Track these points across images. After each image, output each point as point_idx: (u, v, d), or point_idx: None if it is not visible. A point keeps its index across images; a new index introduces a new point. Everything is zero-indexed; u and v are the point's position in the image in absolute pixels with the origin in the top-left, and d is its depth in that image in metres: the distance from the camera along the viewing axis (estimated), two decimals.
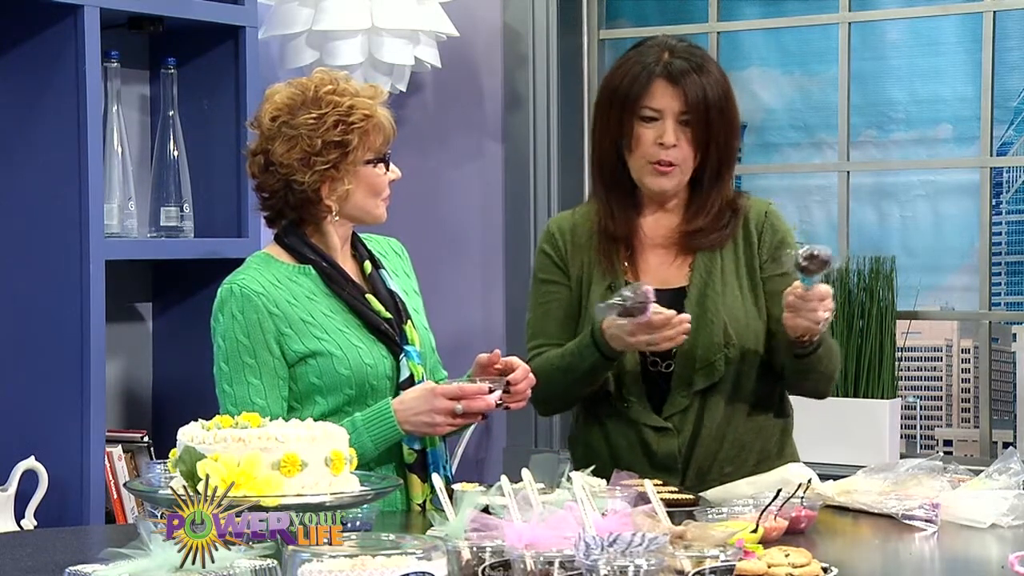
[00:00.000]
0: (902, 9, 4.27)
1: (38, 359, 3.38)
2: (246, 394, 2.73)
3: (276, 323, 2.75)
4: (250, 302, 2.75)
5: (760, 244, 3.05)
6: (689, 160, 3.00)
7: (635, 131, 3.00)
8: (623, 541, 1.90)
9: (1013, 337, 4.14)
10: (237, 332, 2.74)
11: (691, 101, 2.97)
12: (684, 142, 2.98)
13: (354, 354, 2.77)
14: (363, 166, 2.79)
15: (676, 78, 2.98)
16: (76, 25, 3.32)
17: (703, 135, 2.99)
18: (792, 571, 2.13)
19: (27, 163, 3.40)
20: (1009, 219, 4.25)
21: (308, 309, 2.78)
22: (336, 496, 2.12)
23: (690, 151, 2.99)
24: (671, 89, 2.98)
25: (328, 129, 2.74)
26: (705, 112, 2.97)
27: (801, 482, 2.58)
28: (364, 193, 2.81)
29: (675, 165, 2.99)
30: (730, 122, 3.03)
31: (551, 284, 3.11)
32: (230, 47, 3.70)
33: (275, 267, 2.82)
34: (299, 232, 2.84)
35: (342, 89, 2.78)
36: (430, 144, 4.55)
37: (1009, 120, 4.18)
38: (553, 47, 4.42)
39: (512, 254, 4.46)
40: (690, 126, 2.98)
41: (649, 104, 2.99)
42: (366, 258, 2.91)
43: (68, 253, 3.34)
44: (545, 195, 4.42)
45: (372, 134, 2.78)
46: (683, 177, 3.02)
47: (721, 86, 3.01)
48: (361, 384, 2.76)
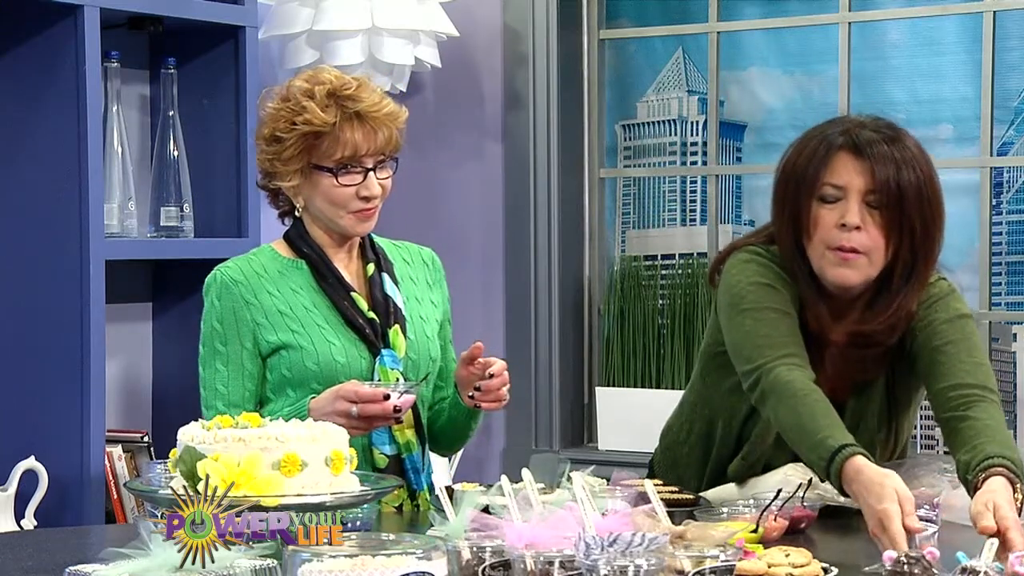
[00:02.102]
0: (902, 9, 4.27)
1: (38, 359, 3.38)
2: (212, 379, 2.80)
3: (252, 313, 2.79)
4: (228, 290, 2.79)
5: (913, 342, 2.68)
6: (880, 252, 2.61)
7: (813, 213, 2.62)
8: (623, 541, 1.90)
9: (1013, 337, 4.14)
10: (213, 318, 2.80)
11: (880, 177, 2.59)
12: (872, 226, 2.59)
13: (325, 349, 2.78)
14: (315, 170, 2.79)
15: (862, 149, 2.61)
16: (76, 25, 3.32)
17: (896, 219, 2.59)
18: (792, 571, 2.13)
19: (27, 163, 3.40)
20: (1009, 219, 4.25)
21: (288, 302, 2.80)
22: (336, 496, 2.12)
23: (881, 239, 2.60)
24: (856, 163, 2.61)
25: (276, 121, 2.79)
26: (897, 190, 2.59)
27: (801, 482, 2.58)
28: (320, 200, 2.81)
29: (861, 253, 2.60)
30: (931, 207, 2.63)
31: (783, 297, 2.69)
32: (230, 47, 3.70)
33: (270, 258, 2.85)
34: (302, 226, 2.85)
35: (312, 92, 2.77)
36: (430, 144, 4.55)
37: (1009, 120, 4.18)
38: (553, 47, 4.42)
39: (512, 254, 4.46)
40: (879, 208, 2.60)
41: (830, 181, 2.61)
42: (372, 260, 2.90)
43: (68, 253, 3.34)
44: (545, 195, 4.42)
45: (322, 142, 2.77)
46: (871, 271, 2.62)
47: (919, 162, 2.64)
48: (330, 380, 2.75)
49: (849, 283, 2.62)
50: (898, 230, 2.60)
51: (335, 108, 2.77)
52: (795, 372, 2.57)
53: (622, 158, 4.62)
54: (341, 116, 2.77)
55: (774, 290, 2.68)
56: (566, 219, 4.46)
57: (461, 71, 4.46)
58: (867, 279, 2.63)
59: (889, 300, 2.64)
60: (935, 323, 2.68)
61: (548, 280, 4.43)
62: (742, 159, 4.48)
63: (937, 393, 2.63)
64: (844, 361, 2.71)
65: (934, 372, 2.64)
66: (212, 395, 2.79)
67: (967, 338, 2.66)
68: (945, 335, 2.66)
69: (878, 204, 2.60)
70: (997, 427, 2.53)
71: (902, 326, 2.68)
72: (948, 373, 2.62)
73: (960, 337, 2.66)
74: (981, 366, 2.63)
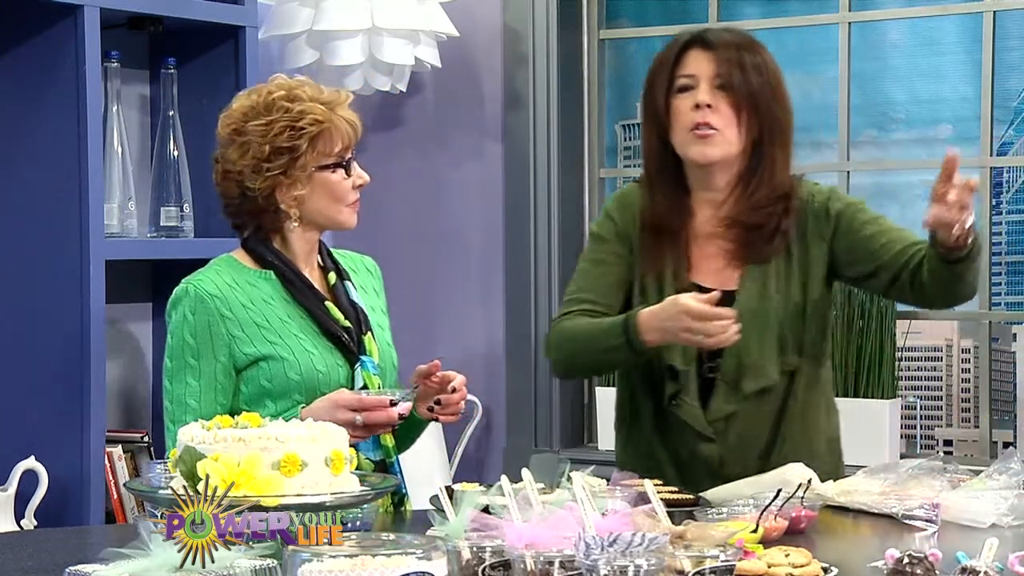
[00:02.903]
0: (902, 9, 4.27)
1: (38, 359, 3.39)
2: (183, 393, 2.75)
3: (228, 326, 2.76)
4: (203, 304, 2.76)
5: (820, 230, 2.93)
6: (732, 128, 2.89)
7: (672, 105, 2.91)
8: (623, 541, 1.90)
9: (1013, 337, 4.14)
10: (186, 332, 2.76)
11: (723, 62, 2.88)
12: (723, 105, 2.88)
13: (306, 359, 2.78)
14: (319, 172, 2.79)
15: (709, 43, 2.91)
16: (76, 25, 3.32)
17: (745, 100, 2.88)
18: (792, 571, 2.13)
19: (27, 163, 3.40)
20: (1009, 219, 4.25)
21: (264, 313, 2.79)
22: (336, 496, 2.12)
23: (731, 117, 2.88)
24: (703, 54, 2.91)
25: (277, 135, 2.75)
26: (742, 74, 2.88)
27: (801, 482, 2.58)
28: (323, 199, 2.81)
29: (716, 130, 2.87)
30: (776, 91, 2.91)
31: (611, 245, 3.00)
32: (230, 47, 3.71)
33: (236, 270, 2.83)
34: (263, 238, 2.84)
35: (295, 95, 2.78)
36: (430, 144, 4.55)
37: (1009, 120, 4.18)
38: (553, 47, 4.42)
39: (512, 254, 4.46)
40: (727, 89, 2.88)
41: (683, 72, 2.91)
42: (332, 269, 2.91)
43: (68, 253, 3.34)
44: (545, 195, 4.42)
45: (325, 139, 2.78)
46: (728, 147, 2.89)
47: (761, 58, 2.92)
48: (312, 390, 2.76)
49: (710, 158, 2.90)
50: (748, 108, 2.88)
51: (319, 105, 2.78)
52: (576, 319, 2.92)
53: (622, 158, 4.62)
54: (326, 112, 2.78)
55: (599, 240, 3.00)
56: (566, 219, 4.46)
57: (461, 71, 4.46)
58: (726, 155, 2.90)
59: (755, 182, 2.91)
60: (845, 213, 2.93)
61: (548, 280, 4.43)
62: None
63: (890, 261, 2.86)
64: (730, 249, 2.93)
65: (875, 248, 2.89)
66: (182, 410, 2.74)
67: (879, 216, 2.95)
68: (863, 217, 2.93)
69: (725, 85, 2.88)
70: None
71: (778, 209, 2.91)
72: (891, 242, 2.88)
73: (875, 216, 2.94)
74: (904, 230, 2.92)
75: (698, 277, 2.94)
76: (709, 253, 2.96)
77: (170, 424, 2.76)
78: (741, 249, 2.93)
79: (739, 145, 2.91)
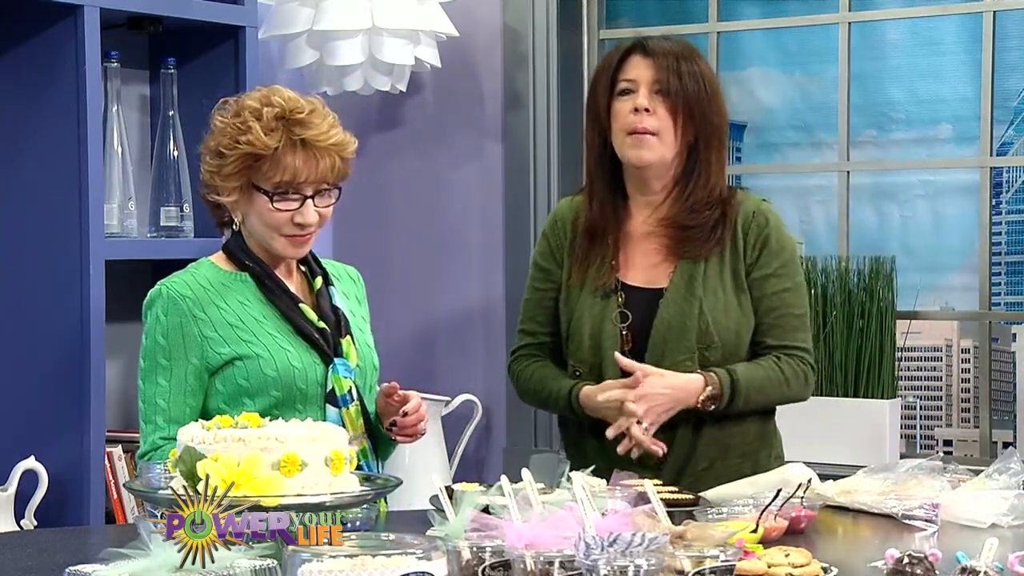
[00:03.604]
0: (902, 9, 4.27)
1: (38, 359, 3.38)
2: (153, 394, 2.78)
3: (200, 327, 2.77)
4: (175, 305, 2.78)
5: (746, 246, 3.05)
6: (669, 132, 2.98)
7: (613, 108, 3.01)
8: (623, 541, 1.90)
9: (1013, 337, 4.14)
10: (158, 333, 2.78)
11: (661, 69, 2.98)
12: (661, 109, 2.98)
13: (282, 356, 2.79)
14: (254, 189, 2.79)
15: (649, 50, 3.01)
16: (76, 25, 3.32)
17: (682, 105, 2.98)
18: (792, 571, 2.13)
19: (27, 163, 3.40)
20: (1009, 219, 4.25)
21: (238, 314, 2.80)
22: (336, 496, 2.12)
23: (669, 121, 2.98)
24: (644, 60, 3.01)
25: (221, 136, 2.77)
26: (678, 81, 2.97)
27: (801, 482, 2.58)
28: (254, 218, 2.82)
29: (653, 134, 2.98)
30: (712, 98, 3.01)
31: (546, 272, 3.16)
32: (230, 47, 3.70)
33: (212, 272, 2.85)
34: (241, 239, 2.86)
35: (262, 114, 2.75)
36: (430, 144, 4.55)
37: (1009, 120, 4.18)
38: (553, 47, 4.42)
39: (512, 254, 4.46)
40: (664, 94, 2.98)
41: (624, 76, 3.01)
42: (318, 274, 2.93)
43: (68, 253, 3.34)
44: (545, 195, 4.42)
45: (265, 164, 2.76)
46: (664, 151, 2.99)
47: (699, 68, 3.01)
48: (288, 387, 2.78)
49: (645, 161, 3.00)
50: (684, 112, 2.98)
51: (280, 132, 2.75)
52: (528, 366, 3.16)
53: None
54: (285, 141, 2.75)
55: (535, 266, 3.18)
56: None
57: (461, 71, 4.46)
58: (661, 157, 3.00)
59: (691, 185, 3.01)
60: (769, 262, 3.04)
61: None
62: (742, 159, 4.48)
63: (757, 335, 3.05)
64: (665, 246, 3.04)
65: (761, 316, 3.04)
66: (152, 410, 2.77)
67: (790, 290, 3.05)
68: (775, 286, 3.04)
69: (663, 91, 2.98)
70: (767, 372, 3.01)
71: (715, 214, 3.01)
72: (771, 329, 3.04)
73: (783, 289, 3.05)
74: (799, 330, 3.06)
75: (629, 276, 3.06)
76: (644, 251, 3.07)
77: (142, 423, 2.80)
78: (675, 246, 3.04)
79: (675, 149, 3.00)
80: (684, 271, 3.02)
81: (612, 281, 3.06)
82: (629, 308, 3.04)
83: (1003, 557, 2.10)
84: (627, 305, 3.05)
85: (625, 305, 3.05)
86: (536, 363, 3.17)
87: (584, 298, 3.07)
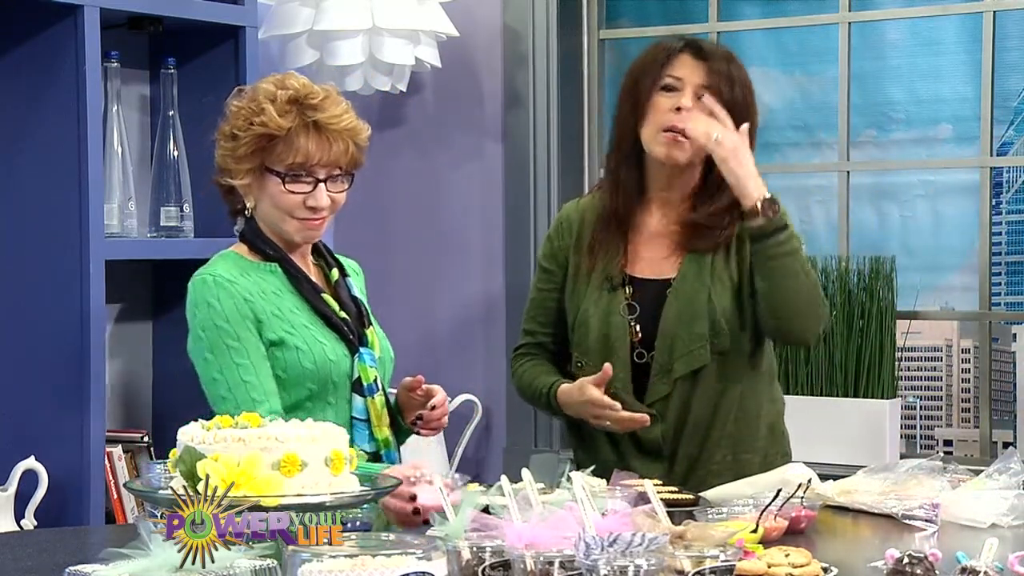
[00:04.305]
0: (902, 9, 4.27)
1: (38, 359, 3.38)
2: (237, 376, 2.73)
3: (253, 309, 2.77)
4: (225, 289, 2.76)
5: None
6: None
7: (653, 100, 2.99)
8: (623, 541, 1.90)
9: (1013, 337, 4.14)
10: (216, 319, 2.75)
11: (713, 73, 2.97)
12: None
13: (319, 349, 2.79)
14: (268, 176, 2.79)
15: (701, 53, 3.00)
16: (76, 25, 3.32)
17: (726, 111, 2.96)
18: (792, 571, 2.13)
19: (27, 163, 3.40)
20: (1009, 219, 4.25)
21: (276, 304, 2.80)
22: (336, 496, 2.12)
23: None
24: (694, 62, 2.99)
25: (235, 118, 2.79)
26: (729, 87, 2.97)
27: (801, 482, 2.58)
28: (266, 202, 2.82)
29: (688, 137, 2.96)
30: (749, 109, 3.00)
31: (548, 273, 3.16)
32: (230, 47, 3.70)
33: (242, 263, 2.84)
34: (258, 228, 2.85)
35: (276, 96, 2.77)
36: (430, 144, 4.55)
37: (1009, 120, 4.18)
38: (553, 47, 4.42)
39: (512, 254, 4.46)
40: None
41: (671, 73, 2.99)
42: (334, 266, 2.94)
43: (68, 253, 3.34)
44: (545, 195, 4.42)
45: (279, 146, 2.77)
46: (696, 153, 2.98)
47: (744, 75, 3.02)
48: (324, 380, 2.79)
49: (676, 160, 2.99)
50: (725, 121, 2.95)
51: (294, 114, 2.76)
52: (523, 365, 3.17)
53: None
54: (298, 123, 2.76)
55: (540, 268, 3.17)
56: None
57: (461, 71, 4.46)
58: (693, 158, 2.98)
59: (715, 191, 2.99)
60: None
61: None
62: None
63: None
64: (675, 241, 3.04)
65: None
66: (242, 391, 2.72)
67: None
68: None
69: (713, 95, 2.96)
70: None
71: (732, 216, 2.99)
72: None
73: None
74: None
75: (636, 269, 3.07)
76: (653, 247, 3.07)
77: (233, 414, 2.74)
78: (685, 241, 3.03)
79: (705, 152, 2.98)
80: (692, 262, 3.02)
81: (620, 273, 3.06)
82: (637, 300, 3.05)
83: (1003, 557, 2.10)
84: (635, 297, 3.05)
85: (633, 297, 3.05)
86: (530, 361, 3.17)
87: (591, 292, 3.07)
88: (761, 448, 3.06)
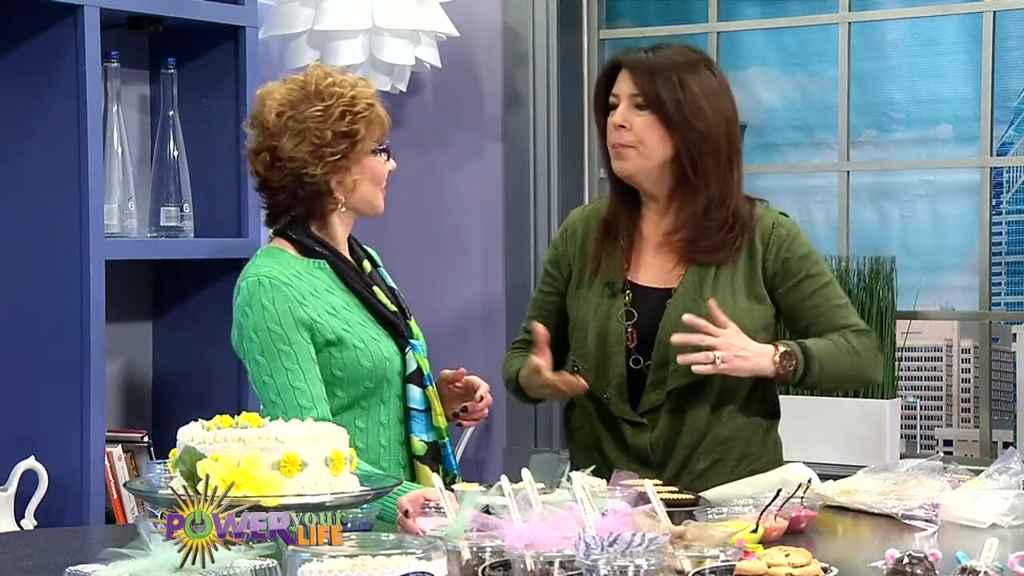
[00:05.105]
0: (902, 9, 4.27)
1: (38, 359, 3.38)
2: (286, 381, 2.72)
3: (308, 311, 2.75)
4: (279, 291, 2.74)
5: (766, 258, 3.05)
6: (650, 144, 3.00)
7: (603, 119, 3.07)
8: (623, 541, 1.90)
9: (1013, 337, 4.14)
10: (269, 322, 2.73)
11: (637, 82, 3.00)
12: (640, 126, 3.00)
13: (375, 347, 2.81)
14: (368, 156, 2.83)
15: (628, 65, 3.04)
16: (76, 25, 3.32)
17: (659, 117, 2.99)
18: (792, 571, 2.13)
19: (27, 163, 3.40)
20: (1009, 219, 4.25)
21: (329, 302, 2.80)
22: (336, 496, 2.12)
23: (650, 134, 2.99)
24: (625, 74, 3.04)
25: (336, 120, 2.77)
26: (655, 91, 2.99)
27: (801, 482, 2.58)
28: (369, 183, 2.85)
29: (630, 147, 3.01)
30: (695, 107, 3.00)
31: (550, 276, 3.21)
32: (230, 47, 3.70)
33: (288, 261, 2.82)
34: (305, 227, 2.84)
35: (341, 81, 2.81)
36: (430, 144, 4.55)
37: (1009, 120, 4.18)
38: (553, 47, 4.42)
39: (512, 254, 4.46)
40: (644, 107, 3.00)
41: (613, 91, 3.05)
42: (364, 257, 2.94)
43: (68, 253, 3.34)
44: (545, 195, 4.42)
45: (375, 123, 2.82)
46: (644, 162, 3.01)
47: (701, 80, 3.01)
48: (380, 378, 2.80)
49: (625, 172, 3.04)
50: (662, 123, 2.99)
51: (365, 90, 2.83)
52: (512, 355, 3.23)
53: None
54: None
55: (544, 271, 3.23)
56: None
57: (461, 71, 4.46)
58: (640, 168, 3.03)
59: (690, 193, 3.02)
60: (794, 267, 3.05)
61: None
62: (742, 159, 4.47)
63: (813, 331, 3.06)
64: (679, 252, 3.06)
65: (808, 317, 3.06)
66: (291, 397, 2.70)
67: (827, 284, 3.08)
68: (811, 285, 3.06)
69: (641, 104, 3.00)
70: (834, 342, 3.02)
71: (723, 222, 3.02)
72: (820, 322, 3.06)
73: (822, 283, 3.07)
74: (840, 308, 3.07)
75: (639, 276, 3.09)
76: (657, 255, 3.09)
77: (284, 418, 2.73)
78: (687, 253, 3.05)
79: (659, 159, 3.02)
80: (695, 274, 3.04)
81: (621, 279, 3.08)
82: (636, 307, 3.06)
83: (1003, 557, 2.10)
84: (634, 304, 3.06)
85: (632, 304, 3.06)
86: (516, 354, 3.22)
87: (591, 296, 3.09)
88: (755, 455, 3.07)
